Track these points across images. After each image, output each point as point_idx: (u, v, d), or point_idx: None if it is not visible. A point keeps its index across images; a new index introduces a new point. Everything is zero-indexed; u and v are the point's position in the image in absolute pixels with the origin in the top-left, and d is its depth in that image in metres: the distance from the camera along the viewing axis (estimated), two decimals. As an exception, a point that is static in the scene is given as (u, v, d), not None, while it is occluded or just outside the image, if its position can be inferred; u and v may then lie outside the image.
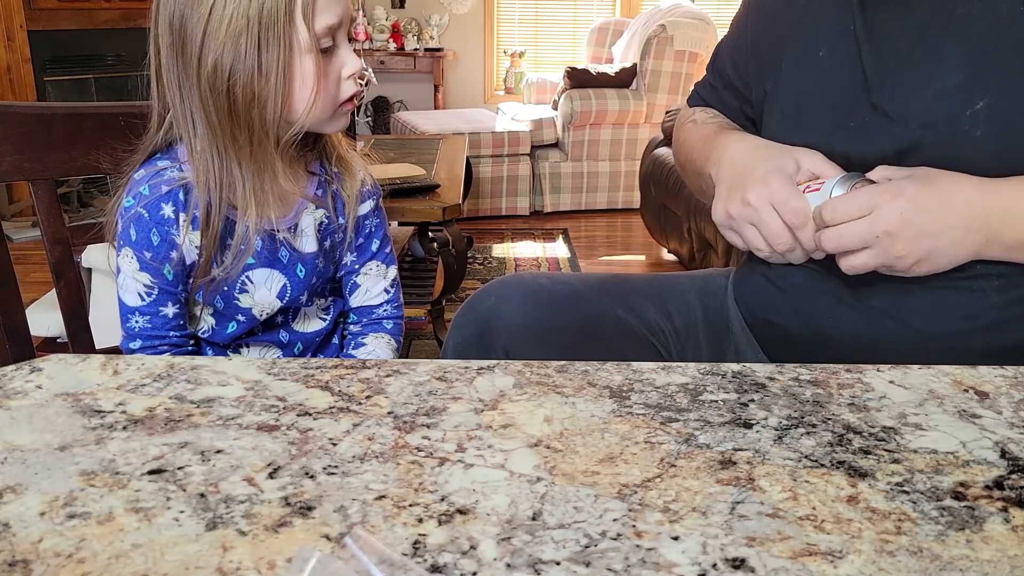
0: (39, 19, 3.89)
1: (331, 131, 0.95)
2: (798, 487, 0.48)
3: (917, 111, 0.75)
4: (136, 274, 0.93)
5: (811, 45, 0.84)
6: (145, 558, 0.40)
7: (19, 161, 0.94)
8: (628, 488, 0.47)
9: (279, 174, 0.91)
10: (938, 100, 0.74)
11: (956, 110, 0.73)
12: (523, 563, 0.40)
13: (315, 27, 0.86)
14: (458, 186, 2.50)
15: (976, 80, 0.72)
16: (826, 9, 0.83)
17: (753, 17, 0.94)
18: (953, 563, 0.41)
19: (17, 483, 0.47)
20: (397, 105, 5.34)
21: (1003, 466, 0.50)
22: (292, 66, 0.86)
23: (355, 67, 0.91)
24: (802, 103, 0.84)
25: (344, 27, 0.90)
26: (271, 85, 0.85)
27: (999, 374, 0.63)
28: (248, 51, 0.84)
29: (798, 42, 0.86)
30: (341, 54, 0.90)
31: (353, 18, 0.94)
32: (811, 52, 0.84)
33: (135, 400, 0.57)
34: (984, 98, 0.72)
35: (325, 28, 0.87)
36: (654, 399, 0.58)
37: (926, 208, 0.68)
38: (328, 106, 0.91)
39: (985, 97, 0.72)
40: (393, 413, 0.56)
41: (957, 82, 0.73)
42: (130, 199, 0.91)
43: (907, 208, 0.67)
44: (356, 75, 0.91)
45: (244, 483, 0.47)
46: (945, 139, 0.74)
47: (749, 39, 0.94)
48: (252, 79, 0.85)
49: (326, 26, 0.87)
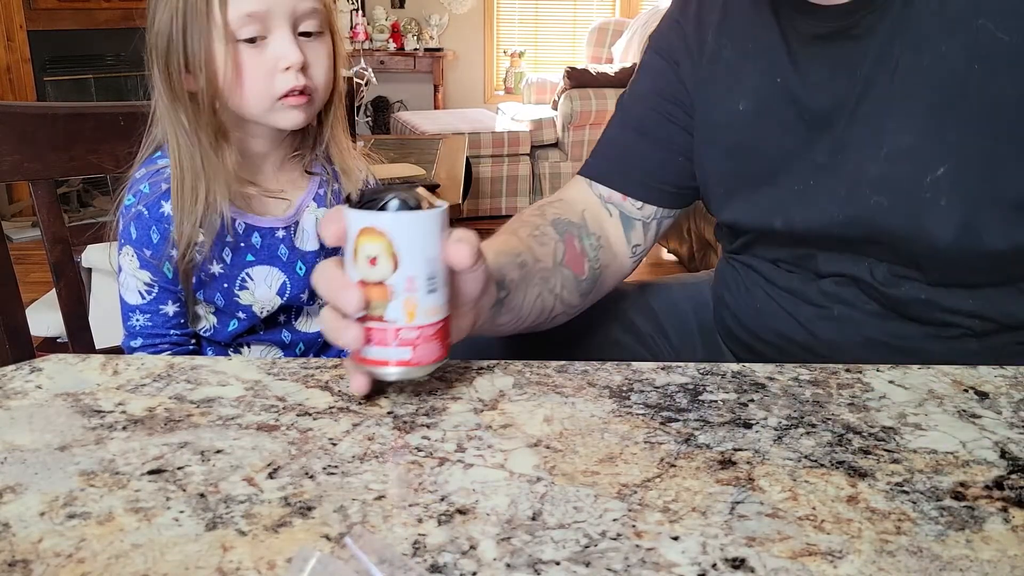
0: (39, 19, 3.89)
1: (282, 126, 0.90)
2: (798, 487, 0.48)
3: (871, 174, 0.69)
4: (136, 272, 0.93)
5: (727, 98, 0.77)
6: (145, 558, 0.40)
7: (19, 161, 0.94)
8: (628, 488, 0.47)
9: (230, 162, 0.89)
10: (892, 163, 0.68)
11: (914, 175, 0.67)
12: (523, 563, 0.40)
13: (228, 14, 0.84)
14: (458, 186, 2.50)
15: (934, 141, 0.66)
16: (745, 59, 0.77)
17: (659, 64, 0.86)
18: (953, 563, 0.41)
19: (17, 483, 0.47)
20: (397, 105, 5.34)
21: (1003, 466, 0.50)
22: (212, 54, 0.85)
23: (291, 60, 0.86)
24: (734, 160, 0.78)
25: (280, 17, 0.86)
26: (194, 71, 0.86)
27: (999, 374, 0.63)
28: (176, 36, 0.85)
29: (706, 96, 0.79)
30: (275, 45, 0.86)
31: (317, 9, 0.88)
32: (728, 105, 0.77)
33: (135, 400, 0.57)
34: (945, 163, 0.66)
35: (242, 16, 0.84)
36: (654, 399, 0.58)
37: None
38: (262, 99, 0.87)
39: (947, 162, 0.65)
40: (393, 413, 0.55)
41: (911, 143, 0.67)
42: (130, 197, 0.92)
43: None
44: (295, 68, 0.86)
45: (244, 483, 0.47)
46: (903, 208, 0.68)
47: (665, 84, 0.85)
48: (181, 64, 0.86)
49: (243, 14, 0.84)
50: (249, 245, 0.94)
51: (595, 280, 0.80)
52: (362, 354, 0.54)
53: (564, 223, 0.80)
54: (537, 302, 0.73)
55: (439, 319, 0.54)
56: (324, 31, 0.91)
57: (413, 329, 0.53)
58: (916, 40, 0.66)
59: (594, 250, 0.81)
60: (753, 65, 0.76)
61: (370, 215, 0.52)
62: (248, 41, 0.86)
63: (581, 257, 0.79)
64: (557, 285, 0.75)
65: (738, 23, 0.79)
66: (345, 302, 0.52)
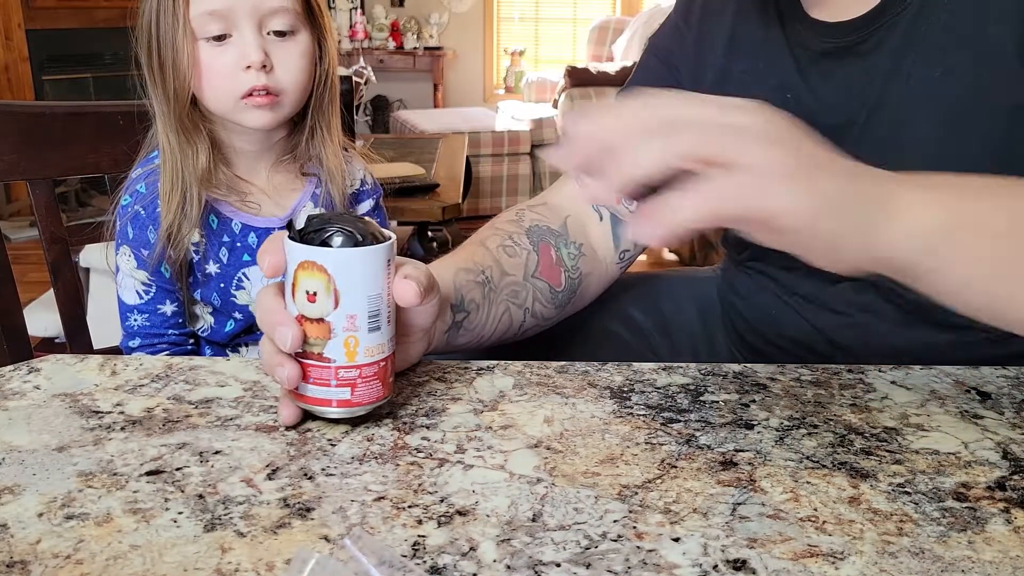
0: (37, 18, 3.89)
1: (249, 125, 0.90)
2: (799, 488, 0.47)
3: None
4: (134, 272, 0.93)
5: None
6: (143, 559, 0.40)
7: (17, 160, 0.93)
8: (629, 489, 0.47)
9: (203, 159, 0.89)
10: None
11: None
12: (523, 564, 0.40)
13: (191, 12, 0.85)
14: (458, 185, 2.50)
15: (948, 154, 0.65)
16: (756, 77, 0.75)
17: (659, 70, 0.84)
18: (955, 564, 0.41)
19: (15, 484, 0.46)
20: (396, 104, 5.33)
21: (1005, 467, 0.50)
22: (179, 52, 0.86)
23: (252, 59, 0.86)
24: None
25: (243, 15, 0.86)
26: (165, 68, 0.87)
27: (1001, 375, 0.63)
28: (153, 33, 0.87)
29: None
30: (237, 44, 0.86)
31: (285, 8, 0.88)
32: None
33: (133, 401, 0.57)
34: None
35: (204, 15, 0.85)
36: (655, 400, 0.58)
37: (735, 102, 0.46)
38: (226, 98, 0.88)
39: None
40: (392, 414, 0.55)
41: (925, 156, 0.65)
42: (127, 197, 0.92)
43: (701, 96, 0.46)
44: (256, 67, 0.86)
45: (243, 484, 0.47)
46: None
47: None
48: (156, 61, 0.87)
49: (204, 12, 0.85)
50: (246, 245, 0.94)
51: (574, 290, 0.79)
52: (300, 390, 0.52)
53: (541, 231, 0.78)
54: (504, 318, 0.71)
55: (381, 357, 0.52)
56: (298, 30, 0.90)
57: (353, 368, 0.51)
58: (927, 53, 0.66)
59: (573, 259, 0.79)
60: (764, 82, 0.76)
61: (310, 249, 0.49)
62: (215, 39, 0.86)
63: (557, 268, 0.77)
64: (527, 299, 0.73)
65: (747, 41, 0.78)
66: (280, 339, 0.50)
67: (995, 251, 0.46)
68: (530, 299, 0.74)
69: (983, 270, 0.46)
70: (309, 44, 0.91)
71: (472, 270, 0.69)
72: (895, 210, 0.45)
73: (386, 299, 0.51)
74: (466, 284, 0.67)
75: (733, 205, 0.42)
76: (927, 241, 0.45)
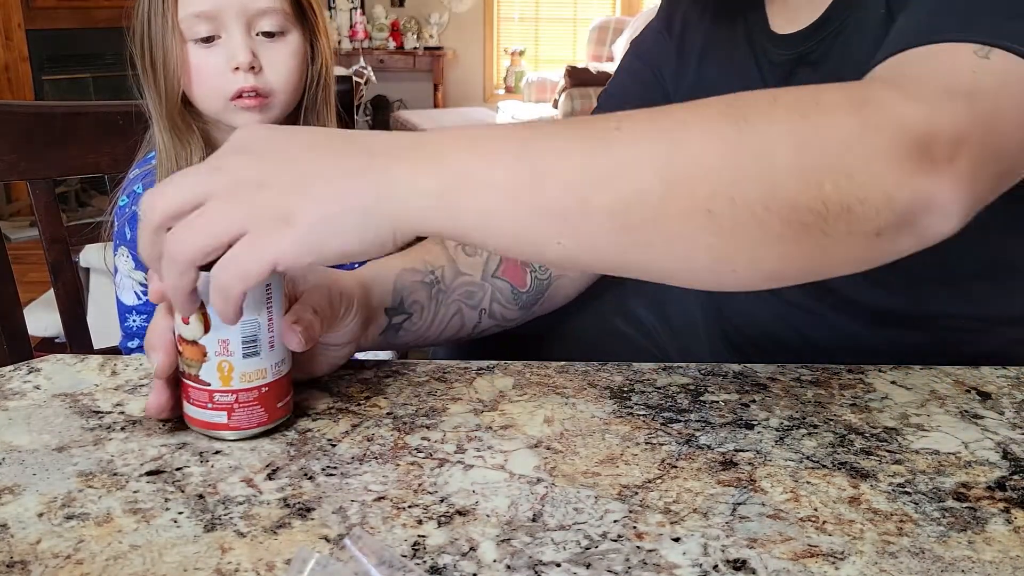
0: (37, 18, 3.89)
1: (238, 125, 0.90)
2: (799, 488, 0.47)
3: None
4: (132, 273, 0.93)
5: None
6: (143, 559, 0.40)
7: (17, 160, 0.93)
8: (629, 489, 0.47)
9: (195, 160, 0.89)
10: None
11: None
12: (523, 564, 0.40)
13: (179, 14, 0.86)
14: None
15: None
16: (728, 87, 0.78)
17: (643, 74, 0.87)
18: (955, 564, 0.41)
19: (15, 484, 0.46)
20: (397, 104, 5.34)
21: (1005, 467, 0.50)
22: (169, 53, 0.86)
23: (239, 60, 0.86)
24: None
25: (231, 17, 0.86)
26: (157, 69, 0.87)
27: (1001, 374, 0.63)
28: (144, 34, 0.87)
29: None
30: (226, 45, 0.86)
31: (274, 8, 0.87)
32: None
33: (133, 401, 0.57)
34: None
35: (191, 16, 0.85)
36: (655, 400, 0.58)
37: (264, 136, 0.47)
38: (215, 99, 0.88)
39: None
40: (392, 414, 0.55)
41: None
42: (124, 198, 0.92)
43: (235, 142, 0.46)
44: (244, 68, 0.86)
45: (243, 484, 0.47)
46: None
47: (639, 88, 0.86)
48: (149, 62, 0.88)
49: (192, 14, 0.85)
50: None
51: (541, 291, 0.77)
52: (184, 409, 0.52)
53: None
54: (455, 319, 0.71)
55: (262, 383, 0.51)
56: (288, 31, 0.90)
57: (228, 393, 0.50)
58: (859, 63, 0.67)
59: None
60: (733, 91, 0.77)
61: None
62: (204, 41, 0.87)
63: (523, 268, 0.75)
64: (484, 300, 0.72)
65: (719, 52, 0.81)
66: (152, 361, 0.51)
67: (498, 201, 0.44)
68: (487, 300, 0.73)
69: (497, 221, 0.45)
70: (300, 45, 0.91)
71: (420, 270, 0.68)
72: (391, 186, 0.44)
73: (267, 325, 0.50)
74: (410, 285, 0.67)
75: (224, 231, 0.43)
76: (434, 206, 0.44)
